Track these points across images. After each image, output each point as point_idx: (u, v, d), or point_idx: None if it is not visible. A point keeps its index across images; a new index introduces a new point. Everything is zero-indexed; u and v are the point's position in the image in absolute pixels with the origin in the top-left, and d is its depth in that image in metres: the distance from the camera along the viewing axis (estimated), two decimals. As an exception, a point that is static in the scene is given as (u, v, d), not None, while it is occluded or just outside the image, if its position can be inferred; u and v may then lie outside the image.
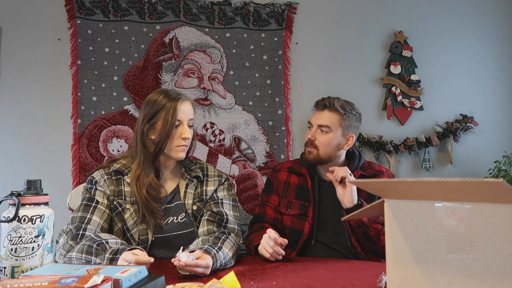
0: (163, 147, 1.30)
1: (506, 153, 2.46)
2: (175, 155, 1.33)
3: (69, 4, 2.26)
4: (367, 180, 0.81)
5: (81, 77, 2.24)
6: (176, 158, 1.34)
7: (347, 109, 1.55)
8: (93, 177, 1.30)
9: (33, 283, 0.68)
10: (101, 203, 1.26)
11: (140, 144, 1.32)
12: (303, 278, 1.06)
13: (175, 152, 1.32)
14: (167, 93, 1.33)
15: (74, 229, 1.17)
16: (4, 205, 0.93)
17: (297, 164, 1.64)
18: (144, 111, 1.33)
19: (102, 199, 1.26)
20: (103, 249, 1.08)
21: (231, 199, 1.40)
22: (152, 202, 1.27)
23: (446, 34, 2.66)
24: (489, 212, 0.63)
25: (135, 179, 1.28)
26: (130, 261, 1.00)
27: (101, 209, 1.25)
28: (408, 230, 0.73)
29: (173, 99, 1.31)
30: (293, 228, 1.54)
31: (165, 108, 1.29)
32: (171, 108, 1.29)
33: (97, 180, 1.29)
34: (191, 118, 1.35)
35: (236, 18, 2.43)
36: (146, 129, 1.32)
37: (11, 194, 0.92)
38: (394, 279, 0.75)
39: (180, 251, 1.03)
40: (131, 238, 1.26)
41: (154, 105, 1.32)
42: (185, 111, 1.32)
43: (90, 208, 1.24)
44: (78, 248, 1.09)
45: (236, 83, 2.41)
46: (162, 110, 1.30)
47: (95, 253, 1.07)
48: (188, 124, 1.34)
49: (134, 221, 1.27)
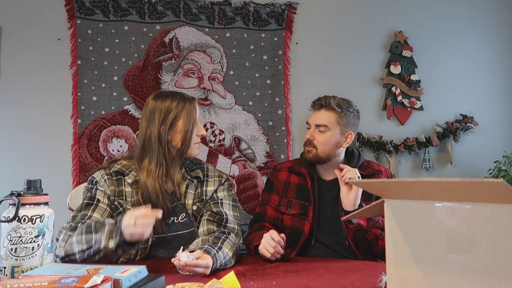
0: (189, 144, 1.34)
1: (506, 153, 2.46)
2: (193, 152, 1.38)
3: (69, 4, 2.26)
4: (367, 180, 0.81)
5: (81, 77, 2.24)
6: (193, 156, 1.39)
7: (344, 107, 1.55)
8: (93, 177, 1.30)
9: (33, 283, 0.68)
10: (102, 202, 1.26)
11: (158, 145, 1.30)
12: (303, 278, 1.06)
13: (193, 150, 1.37)
14: (181, 95, 1.38)
15: (73, 223, 1.18)
16: (4, 205, 0.93)
17: (297, 164, 1.64)
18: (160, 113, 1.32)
19: (103, 199, 1.27)
20: (102, 224, 1.10)
21: (231, 199, 1.41)
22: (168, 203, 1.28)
23: (446, 34, 2.66)
24: (489, 212, 0.63)
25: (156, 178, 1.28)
26: (138, 215, 1.04)
27: (102, 207, 1.25)
28: (408, 230, 0.73)
29: (190, 99, 1.37)
30: (293, 228, 1.54)
31: (185, 109, 1.34)
32: (192, 108, 1.35)
33: (97, 180, 1.29)
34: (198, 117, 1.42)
35: (236, 18, 2.43)
36: (165, 130, 1.31)
37: (11, 194, 0.93)
38: (394, 279, 0.75)
39: (180, 251, 1.03)
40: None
41: (171, 107, 1.32)
42: (198, 110, 1.40)
43: (91, 207, 1.24)
44: (77, 232, 1.11)
45: (236, 83, 2.41)
46: (182, 111, 1.34)
47: (94, 230, 1.09)
48: None
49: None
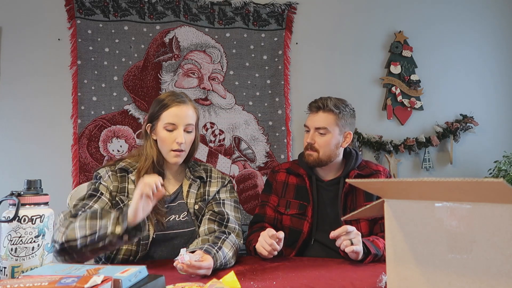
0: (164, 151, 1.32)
1: (506, 153, 2.46)
2: (169, 160, 1.33)
3: (69, 4, 2.26)
4: (367, 180, 0.81)
5: (81, 77, 2.24)
6: (171, 163, 1.34)
7: (341, 107, 1.55)
8: (98, 173, 1.33)
9: (33, 283, 0.68)
10: (104, 196, 1.27)
11: (145, 143, 1.35)
12: (303, 278, 1.06)
13: (169, 157, 1.32)
14: (169, 95, 1.35)
15: (73, 210, 1.19)
16: (4, 205, 0.93)
17: (295, 165, 1.64)
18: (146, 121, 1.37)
19: (105, 193, 1.28)
20: (107, 212, 1.10)
21: (233, 200, 1.42)
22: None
23: (446, 34, 2.66)
24: (489, 212, 0.63)
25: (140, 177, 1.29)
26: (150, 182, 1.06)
27: (103, 200, 1.26)
28: (408, 230, 0.73)
29: (171, 101, 1.31)
30: (293, 228, 1.54)
31: (162, 110, 1.31)
32: (166, 110, 1.30)
33: (101, 175, 1.31)
34: (189, 123, 1.32)
35: (236, 18, 2.43)
36: (149, 129, 1.36)
37: (11, 194, 0.92)
38: (394, 279, 0.75)
39: (183, 253, 1.02)
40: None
41: (155, 106, 1.35)
42: (181, 115, 1.31)
43: (94, 198, 1.25)
44: (80, 218, 1.10)
45: (236, 83, 2.41)
46: (159, 112, 1.32)
47: (100, 216, 1.08)
48: (186, 129, 1.32)
49: None
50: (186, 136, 1.32)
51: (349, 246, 1.23)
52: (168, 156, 1.32)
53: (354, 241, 1.24)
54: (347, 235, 1.24)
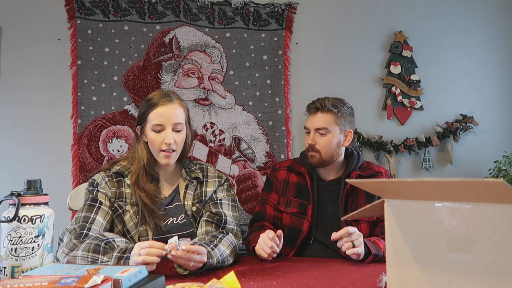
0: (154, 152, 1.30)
1: (506, 153, 2.46)
2: (160, 161, 1.30)
3: (69, 4, 2.26)
4: (367, 180, 0.81)
5: (81, 77, 2.24)
6: (162, 164, 1.31)
7: (339, 107, 1.55)
8: (94, 180, 1.30)
9: (33, 283, 0.68)
10: (104, 204, 1.25)
11: (137, 145, 1.34)
12: (303, 278, 1.06)
13: (160, 158, 1.30)
14: (155, 95, 1.31)
15: (78, 228, 1.17)
16: (4, 205, 0.93)
17: (296, 163, 1.64)
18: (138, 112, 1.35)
19: (105, 201, 1.26)
20: (111, 247, 1.07)
21: (230, 199, 1.39)
22: (151, 205, 1.26)
23: (446, 34, 2.66)
24: (489, 212, 0.63)
25: (133, 181, 1.28)
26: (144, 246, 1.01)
27: (104, 209, 1.25)
28: (408, 230, 0.73)
29: (156, 101, 1.28)
30: (292, 226, 1.54)
31: (148, 112, 1.28)
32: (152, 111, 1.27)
33: (98, 182, 1.29)
34: (177, 122, 1.28)
35: (236, 18, 2.43)
36: (139, 131, 1.34)
37: (11, 194, 0.92)
38: (394, 279, 0.75)
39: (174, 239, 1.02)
40: (131, 239, 1.26)
41: (142, 107, 1.32)
42: (167, 115, 1.27)
43: (94, 208, 1.23)
44: (84, 247, 1.08)
45: (236, 83, 2.41)
46: (145, 113, 1.30)
47: (103, 251, 1.06)
48: (175, 129, 1.28)
49: (134, 223, 1.26)
50: (176, 135, 1.29)
51: (350, 248, 1.22)
52: (158, 158, 1.30)
53: (355, 242, 1.24)
54: (349, 236, 1.24)
